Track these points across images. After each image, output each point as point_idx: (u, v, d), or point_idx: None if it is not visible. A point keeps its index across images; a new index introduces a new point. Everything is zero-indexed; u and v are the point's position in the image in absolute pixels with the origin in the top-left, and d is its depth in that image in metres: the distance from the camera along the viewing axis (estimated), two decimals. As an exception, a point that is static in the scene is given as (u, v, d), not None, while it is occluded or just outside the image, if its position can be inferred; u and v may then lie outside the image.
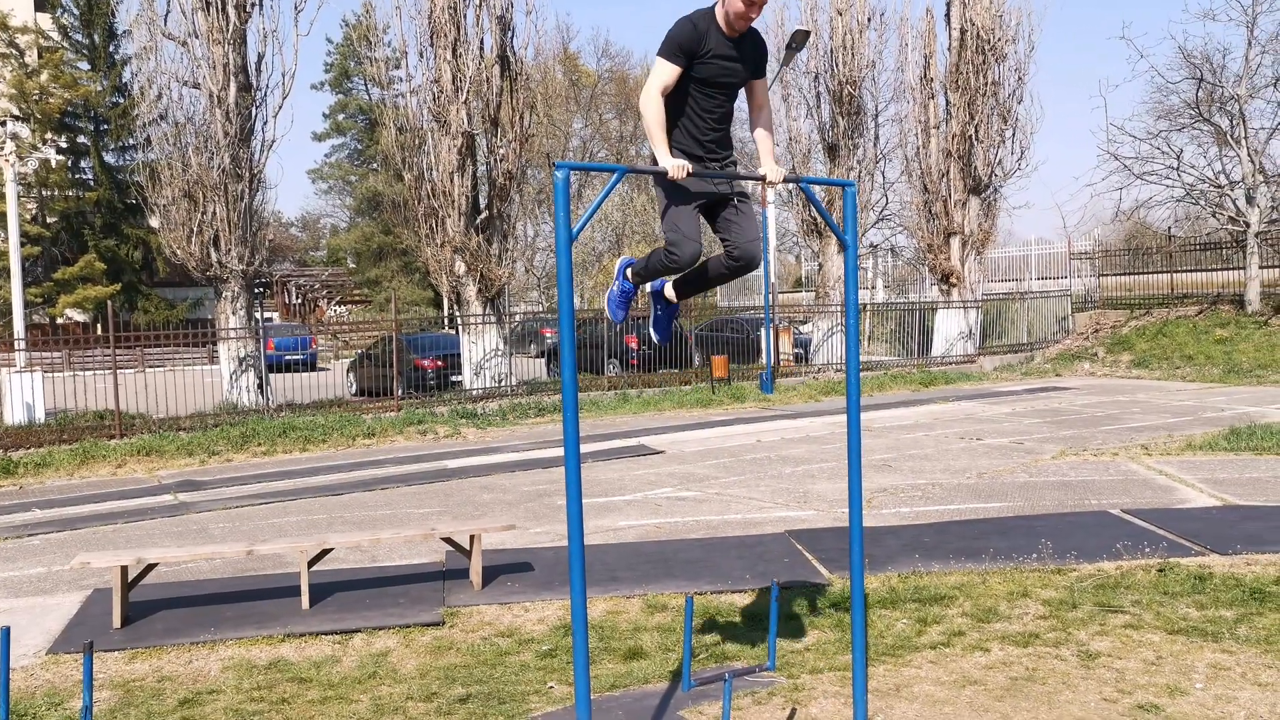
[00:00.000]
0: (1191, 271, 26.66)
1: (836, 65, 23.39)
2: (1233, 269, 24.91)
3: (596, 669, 5.18)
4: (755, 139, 4.48)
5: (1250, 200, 23.22)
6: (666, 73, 4.11)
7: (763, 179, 4.24)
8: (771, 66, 23.90)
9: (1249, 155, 23.23)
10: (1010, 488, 9.84)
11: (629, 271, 4.78)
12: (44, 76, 37.65)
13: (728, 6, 4.08)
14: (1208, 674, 4.91)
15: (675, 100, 4.21)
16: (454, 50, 17.69)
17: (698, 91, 4.21)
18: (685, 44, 4.09)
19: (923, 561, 7.06)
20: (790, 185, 4.83)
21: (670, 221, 4.38)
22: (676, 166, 3.90)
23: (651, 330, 5.03)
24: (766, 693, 4.86)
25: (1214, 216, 25.20)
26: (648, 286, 4.98)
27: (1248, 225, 23.11)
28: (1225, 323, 23.29)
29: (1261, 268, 23.43)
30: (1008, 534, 7.81)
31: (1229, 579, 6.39)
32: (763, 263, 24.47)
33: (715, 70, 4.19)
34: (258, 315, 18.83)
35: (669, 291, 4.88)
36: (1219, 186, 24.45)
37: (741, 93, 4.41)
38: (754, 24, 4.19)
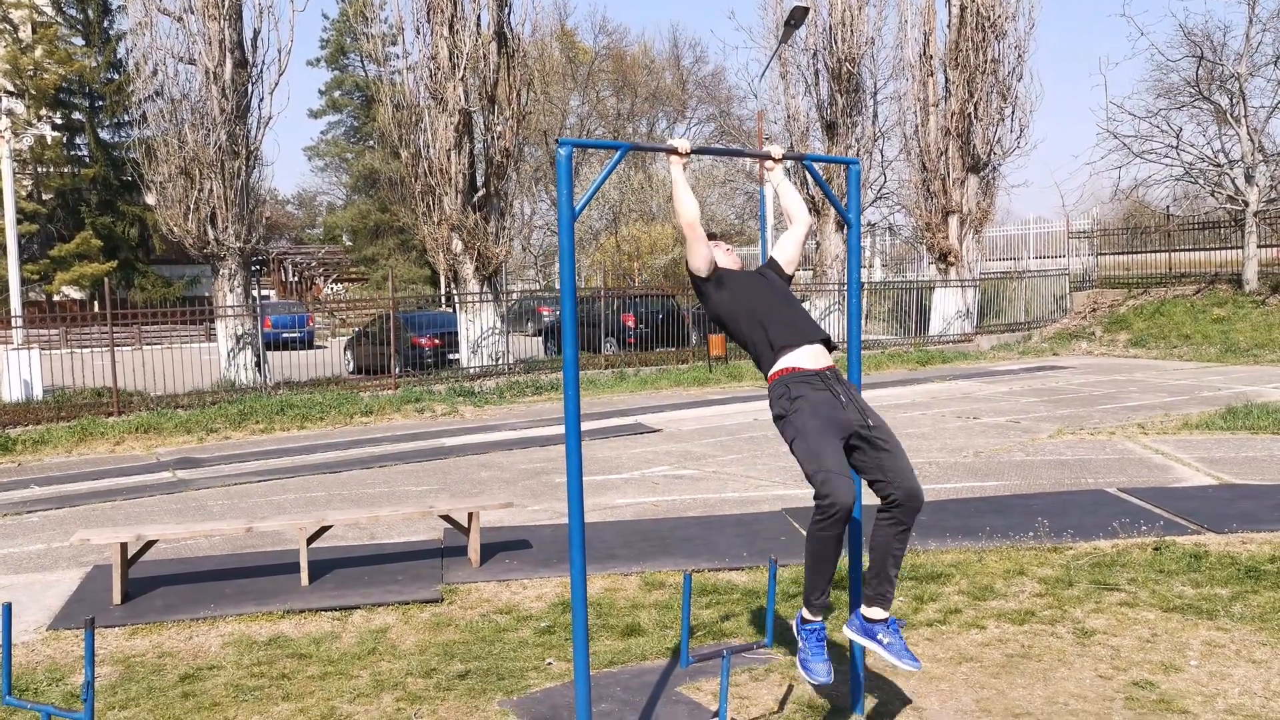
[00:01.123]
0: (1190, 250, 26.63)
1: (835, 42, 23.27)
2: (1231, 248, 24.90)
3: (594, 646, 5.21)
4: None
5: (1249, 179, 23.17)
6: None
7: (766, 157, 4.24)
8: (770, 44, 23.95)
9: (1248, 134, 23.16)
10: (1007, 466, 9.87)
11: (802, 619, 3.85)
12: (38, 52, 37.35)
13: (713, 256, 4.13)
14: (1202, 651, 4.94)
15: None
16: (451, 26, 17.58)
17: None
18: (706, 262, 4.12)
19: (919, 540, 7.08)
20: (790, 162, 4.71)
21: (807, 456, 3.68)
22: (681, 142, 3.88)
23: (806, 674, 3.77)
24: (764, 669, 4.89)
25: (1213, 195, 25.15)
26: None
27: (1246, 204, 23.07)
28: (1223, 302, 23.30)
29: (1260, 247, 23.41)
30: (1004, 512, 7.85)
31: (1224, 557, 6.42)
32: (760, 241, 24.21)
33: (746, 276, 4.19)
34: (255, 293, 18.78)
35: (807, 612, 3.81)
36: (1218, 165, 24.39)
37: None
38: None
